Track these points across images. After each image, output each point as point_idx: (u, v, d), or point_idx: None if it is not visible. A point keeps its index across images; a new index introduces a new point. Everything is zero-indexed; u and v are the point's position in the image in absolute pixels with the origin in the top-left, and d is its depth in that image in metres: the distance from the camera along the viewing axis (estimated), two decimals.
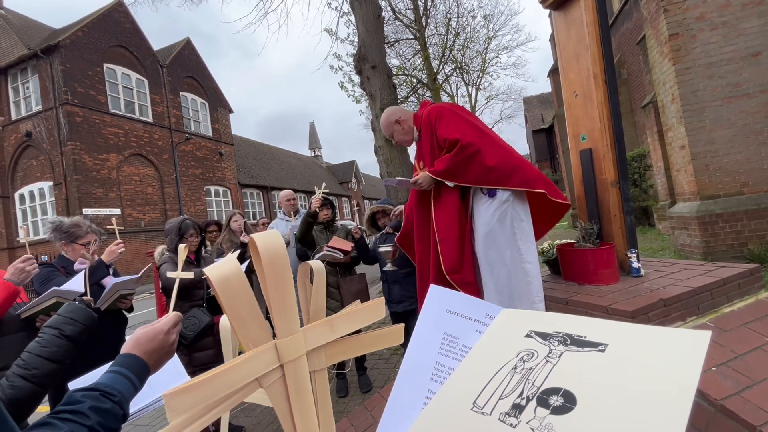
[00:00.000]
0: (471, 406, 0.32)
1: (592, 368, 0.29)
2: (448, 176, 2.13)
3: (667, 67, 5.56)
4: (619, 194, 2.45)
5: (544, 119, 30.38)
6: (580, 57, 2.56)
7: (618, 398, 0.26)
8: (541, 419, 0.27)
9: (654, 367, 0.27)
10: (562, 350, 0.32)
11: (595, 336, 0.32)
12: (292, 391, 0.26)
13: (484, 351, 0.38)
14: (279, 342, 0.25)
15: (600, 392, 0.27)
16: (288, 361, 0.25)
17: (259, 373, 0.24)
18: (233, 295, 0.24)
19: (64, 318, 1.15)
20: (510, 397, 0.31)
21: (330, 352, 0.28)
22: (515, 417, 0.29)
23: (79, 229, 2.31)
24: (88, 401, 0.65)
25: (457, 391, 0.35)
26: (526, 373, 0.32)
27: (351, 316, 0.29)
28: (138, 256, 14.82)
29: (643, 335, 0.29)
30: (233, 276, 0.23)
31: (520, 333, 0.37)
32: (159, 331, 0.79)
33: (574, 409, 0.27)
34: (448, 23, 15.80)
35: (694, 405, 1.10)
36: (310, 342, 0.27)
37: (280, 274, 0.24)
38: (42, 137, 15.30)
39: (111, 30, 17.08)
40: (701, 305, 1.88)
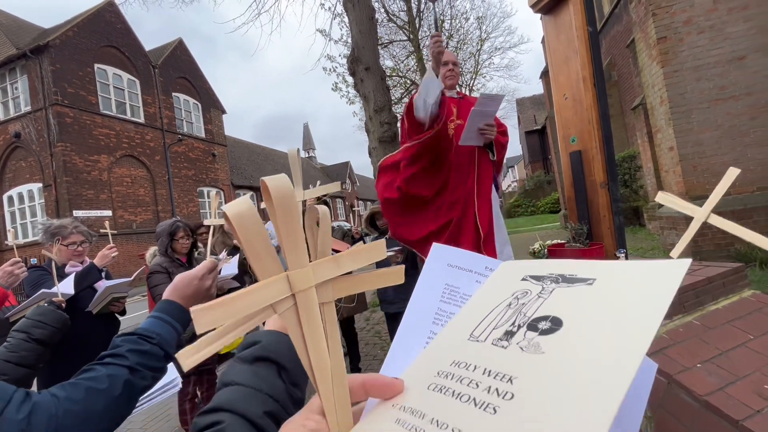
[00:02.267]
0: (468, 337, 0.35)
1: (578, 298, 0.32)
2: (500, 148, 2.40)
3: (656, 70, 5.66)
4: (608, 195, 2.50)
5: (537, 120, 30.66)
6: (570, 60, 2.60)
7: (599, 319, 0.28)
8: (529, 340, 0.30)
9: (634, 292, 0.29)
10: (553, 287, 0.35)
11: (585, 273, 0.35)
12: (304, 318, 0.31)
13: (482, 296, 0.41)
14: (290, 273, 0.30)
15: (583, 316, 0.30)
16: (299, 291, 0.30)
17: (273, 299, 0.29)
18: (248, 229, 0.28)
19: (33, 321, 1.13)
20: (503, 327, 0.33)
21: (336, 287, 0.32)
22: (506, 341, 0.31)
23: (63, 229, 2.27)
24: (127, 345, 0.70)
25: (456, 329, 0.38)
26: (519, 307, 0.35)
27: (354, 255, 0.34)
28: (130, 258, 14.66)
29: (629, 268, 0.32)
30: (247, 211, 0.28)
31: (517, 278, 0.39)
32: (194, 277, 0.83)
33: (559, 330, 0.29)
34: (442, 25, 15.89)
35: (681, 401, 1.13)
36: (318, 275, 0.31)
37: (288, 213, 0.29)
38: (31, 138, 15.08)
39: (102, 30, 16.90)
40: (687, 304, 1.92)
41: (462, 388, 0.30)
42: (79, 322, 1.83)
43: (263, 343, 0.47)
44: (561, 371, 0.26)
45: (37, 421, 0.54)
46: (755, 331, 1.72)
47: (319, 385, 0.31)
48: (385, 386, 0.33)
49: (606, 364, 0.25)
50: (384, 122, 5.77)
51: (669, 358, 1.64)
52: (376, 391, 0.33)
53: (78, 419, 0.59)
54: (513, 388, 0.27)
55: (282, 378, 0.46)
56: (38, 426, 0.54)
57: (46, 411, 0.56)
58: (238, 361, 0.46)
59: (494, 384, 0.28)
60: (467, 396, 0.29)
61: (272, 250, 0.30)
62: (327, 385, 0.31)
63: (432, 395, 0.31)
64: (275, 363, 0.46)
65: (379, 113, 5.78)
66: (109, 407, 0.64)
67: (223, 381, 0.45)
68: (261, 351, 0.46)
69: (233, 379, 0.44)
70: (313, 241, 0.34)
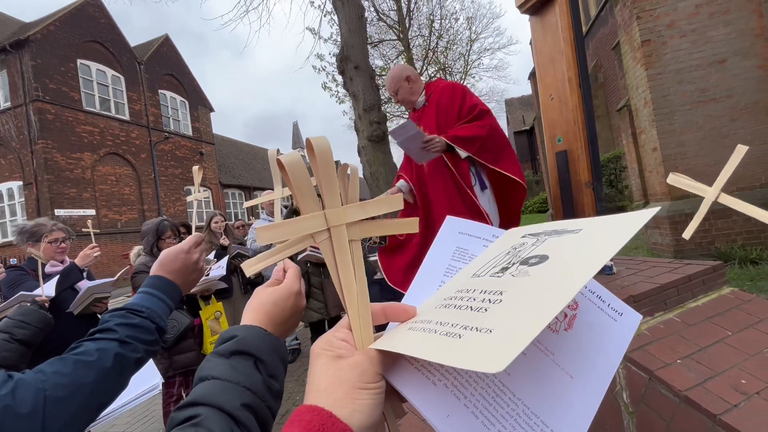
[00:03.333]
0: (471, 276, 0.41)
1: (565, 242, 0.37)
2: (468, 144, 2.17)
3: (640, 72, 5.77)
4: (593, 195, 2.53)
5: (525, 121, 31.01)
6: (556, 61, 2.63)
7: (575, 251, 0.34)
8: (520, 270, 0.35)
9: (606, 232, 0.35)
10: (546, 238, 0.40)
11: (574, 227, 0.40)
12: (336, 249, 0.38)
13: (486, 252, 0.47)
14: (327, 211, 0.38)
15: (564, 251, 0.35)
16: (333, 226, 0.38)
17: (313, 230, 0.37)
18: (297, 175, 0.36)
19: (15, 321, 1.11)
20: (500, 265, 0.39)
21: (362, 228, 0.40)
22: (502, 273, 0.37)
23: (42, 227, 2.22)
24: (115, 319, 0.72)
25: (462, 273, 0.44)
26: (515, 253, 0.40)
27: (377, 203, 0.42)
28: (114, 258, 14.36)
29: (610, 219, 0.37)
30: (297, 162, 0.37)
31: (517, 236, 0.45)
32: (181, 250, 0.84)
33: (544, 262, 0.35)
34: (431, 25, 15.94)
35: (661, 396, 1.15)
36: (348, 216, 0.39)
37: (326, 164, 0.37)
38: (11, 135, 14.65)
39: (85, 25, 16.49)
40: (668, 301, 1.96)
41: (462, 303, 0.36)
42: (60, 323, 1.78)
43: (240, 337, 0.47)
44: (538, 285, 0.32)
45: (22, 396, 0.55)
46: (733, 328, 1.77)
47: (348, 305, 0.39)
48: (401, 310, 0.40)
49: (566, 279, 0.31)
50: (373, 121, 5.77)
51: (650, 354, 1.68)
52: (393, 315, 0.40)
53: (67, 390, 0.59)
54: (501, 297, 0.33)
55: (259, 370, 0.46)
56: (24, 400, 0.54)
57: (32, 385, 0.57)
58: (214, 356, 0.46)
59: (487, 297, 0.34)
60: (465, 305, 0.35)
61: (314, 193, 0.38)
62: (353, 305, 0.39)
63: (438, 310, 0.37)
64: (252, 356, 0.46)
65: (368, 112, 5.77)
66: (100, 379, 0.64)
67: (199, 376, 0.45)
68: (238, 345, 0.46)
69: (210, 374, 0.44)
70: (345, 190, 0.41)
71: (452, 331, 0.31)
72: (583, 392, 0.37)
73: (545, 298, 0.29)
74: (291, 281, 0.55)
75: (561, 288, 0.30)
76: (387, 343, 0.36)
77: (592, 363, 0.38)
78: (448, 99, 2.34)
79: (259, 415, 0.44)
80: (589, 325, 0.40)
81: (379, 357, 0.35)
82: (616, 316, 0.42)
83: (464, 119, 2.26)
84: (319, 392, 0.33)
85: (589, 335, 0.39)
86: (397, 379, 0.36)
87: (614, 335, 0.40)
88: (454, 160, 2.25)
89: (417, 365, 0.36)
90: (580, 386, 0.37)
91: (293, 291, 0.54)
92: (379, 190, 5.83)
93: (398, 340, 0.36)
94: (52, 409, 0.57)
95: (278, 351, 0.49)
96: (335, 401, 0.32)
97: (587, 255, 0.33)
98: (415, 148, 2.16)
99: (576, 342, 0.39)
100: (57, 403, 0.57)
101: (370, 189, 6.09)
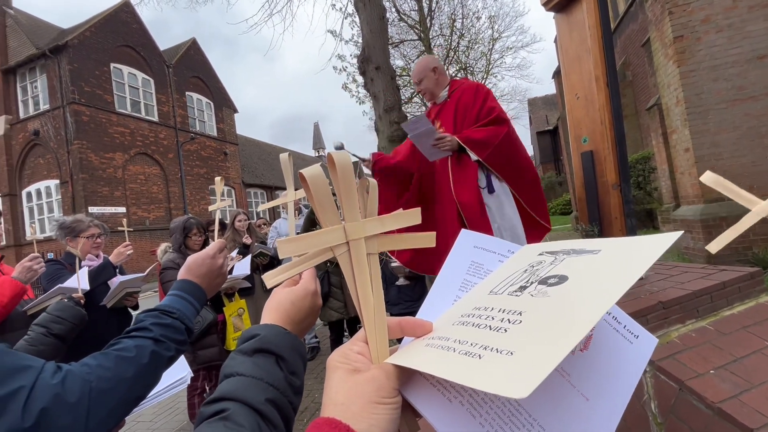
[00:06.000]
0: (488, 293, 0.41)
1: (584, 262, 0.37)
2: (479, 148, 2.15)
3: (672, 70, 5.55)
4: (620, 197, 2.46)
5: (549, 121, 30.30)
6: (582, 60, 2.56)
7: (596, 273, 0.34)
8: (539, 290, 0.35)
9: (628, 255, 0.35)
10: (564, 257, 0.40)
11: (593, 247, 0.40)
12: (354, 262, 0.38)
13: (502, 268, 0.47)
14: (346, 225, 0.38)
15: (585, 272, 0.35)
16: (352, 240, 0.38)
17: (332, 243, 0.38)
18: (318, 188, 0.37)
19: (52, 316, 1.16)
20: (518, 284, 0.39)
21: (380, 242, 0.41)
22: (520, 292, 0.37)
23: (81, 223, 2.34)
24: (150, 319, 0.76)
25: (478, 289, 0.44)
26: (533, 271, 0.40)
27: (395, 217, 0.42)
28: (143, 254, 14.92)
29: (630, 240, 0.37)
30: (319, 175, 0.37)
31: (534, 254, 0.45)
32: (207, 256, 0.89)
33: (564, 283, 0.34)
34: (453, 24, 15.81)
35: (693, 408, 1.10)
36: (367, 229, 0.39)
37: (347, 179, 0.38)
38: (49, 136, 15.46)
39: (118, 30, 17.23)
40: (701, 308, 1.88)
41: (480, 321, 0.36)
42: (93, 315, 1.87)
43: (261, 336, 0.49)
44: (559, 307, 0.32)
45: (70, 386, 0.58)
46: None
47: (364, 318, 0.39)
48: (417, 325, 0.40)
49: (589, 304, 0.30)
50: (393, 121, 5.77)
51: (680, 363, 1.61)
52: (409, 329, 0.40)
53: (110, 383, 0.63)
54: (521, 318, 0.33)
55: (281, 367, 0.48)
56: (72, 389, 0.58)
57: (79, 377, 0.60)
58: (238, 354, 0.48)
59: (506, 316, 0.34)
60: (484, 324, 0.35)
61: (334, 206, 0.39)
62: (370, 318, 0.39)
63: (456, 327, 0.37)
64: (274, 354, 0.48)
65: (389, 113, 5.78)
66: (138, 374, 0.68)
67: (225, 373, 0.47)
68: (260, 343, 0.48)
69: (235, 370, 0.46)
70: (364, 205, 0.42)
71: (472, 350, 0.31)
72: (599, 414, 0.36)
73: (567, 323, 0.29)
74: (307, 281, 0.56)
75: (583, 313, 0.29)
76: (404, 358, 0.36)
77: (608, 385, 0.38)
78: (470, 98, 2.31)
79: (282, 410, 0.45)
80: (604, 347, 0.40)
81: (395, 372, 0.36)
82: (632, 339, 0.41)
83: (481, 121, 2.24)
84: (337, 405, 0.34)
85: (605, 357, 0.39)
86: (412, 395, 0.36)
87: (630, 358, 0.40)
88: (461, 160, 2.23)
89: (432, 381, 0.36)
90: (596, 408, 0.36)
91: (309, 291, 0.55)
92: None
93: (416, 356, 0.36)
94: (96, 400, 0.60)
95: (297, 349, 0.51)
96: (353, 415, 0.32)
97: (609, 279, 0.32)
98: (426, 144, 2.17)
99: (592, 363, 0.38)
100: (101, 394, 0.61)
101: None
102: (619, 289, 0.30)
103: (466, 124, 2.27)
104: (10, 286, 1.76)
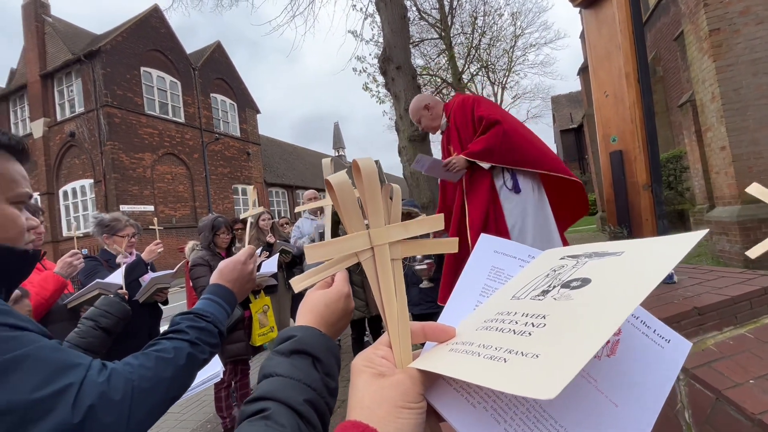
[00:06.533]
0: (510, 298, 0.40)
1: (607, 265, 0.36)
2: (484, 156, 2.20)
3: (707, 64, 5.30)
4: (651, 197, 2.37)
5: (573, 119, 29.50)
6: (612, 56, 2.49)
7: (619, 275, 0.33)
8: (562, 294, 0.35)
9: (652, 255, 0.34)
10: (586, 260, 0.39)
11: (615, 249, 0.39)
12: (379, 268, 0.39)
13: (524, 272, 0.46)
14: (371, 231, 0.39)
15: (608, 275, 0.34)
16: (376, 245, 0.39)
17: (357, 248, 0.39)
18: (344, 195, 0.38)
19: (101, 311, 1.22)
20: (540, 288, 0.38)
21: (404, 248, 0.41)
22: (542, 296, 0.36)
23: (118, 222, 2.46)
24: (186, 322, 0.78)
25: (500, 294, 0.44)
26: (555, 275, 0.39)
27: (419, 223, 0.43)
28: (170, 251, 15.43)
29: (654, 241, 0.36)
30: (345, 182, 0.38)
31: (556, 258, 0.44)
32: (237, 262, 0.93)
33: (587, 285, 0.34)
34: (474, 22, 15.62)
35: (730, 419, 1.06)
36: (391, 235, 0.40)
37: (372, 185, 0.38)
38: (84, 137, 16.21)
39: (148, 35, 17.89)
40: (739, 315, 1.79)
41: (504, 326, 0.36)
42: None
43: (298, 337, 0.50)
44: (583, 309, 0.32)
45: (115, 384, 0.60)
46: None
47: (388, 323, 0.40)
48: (441, 331, 0.41)
49: (613, 304, 0.30)
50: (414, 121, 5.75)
51: (717, 372, 1.54)
52: (432, 334, 0.41)
53: (151, 383, 0.65)
54: (545, 321, 0.33)
55: (317, 369, 0.48)
56: (116, 388, 0.60)
57: (123, 376, 0.62)
58: (276, 354, 0.49)
59: (530, 320, 0.34)
60: (508, 329, 0.35)
61: (360, 212, 0.40)
62: (393, 323, 0.39)
63: (479, 332, 0.37)
64: (310, 355, 0.49)
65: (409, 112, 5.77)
66: (176, 376, 0.70)
67: (263, 373, 0.48)
68: (297, 344, 0.49)
69: (274, 371, 0.47)
70: (388, 210, 0.42)
71: (496, 354, 0.31)
72: (629, 421, 0.35)
73: (592, 324, 0.29)
74: (340, 284, 0.57)
75: (609, 314, 0.29)
76: (429, 363, 0.36)
77: (639, 391, 0.36)
78: (461, 116, 2.40)
79: (319, 411, 0.46)
80: (633, 352, 0.38)
81: (420, 377, 0.36)
82: (663, 343, 0.39)
83: (478, 132, 2.30)
84: (363, 409, 0.34)
85: (633, 362, 0.38)
86: (436, 399, 0.36)
87: (662, 363, 0.38)
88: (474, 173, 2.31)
89: (456, 386, 0.36)
90: (626, 415, 0.35)
91: (343, 293, 0.56)
92: (419, 190, 5.82)
93: (441, 361, 0.36)
94: (138, 399, 0.62)
95: (332, 351, 0.51)
96: (379, 419, 0.33)
97: (632, 280, 0.32)
98: (441, 172, 2.30)
99: (619, 368, 0.37)
100: (142, 393, 0.63)
101: (410, 189, 6.08)
102: (644, 289, 0.30)
103: (468, 140, 2.34)
104: (53, 281, 1.86)
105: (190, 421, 3.36)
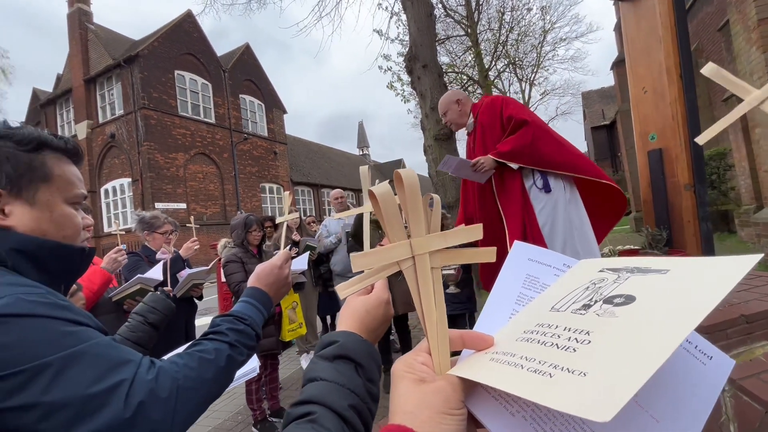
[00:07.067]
0: (549, 309, 0.40)
1: (652, 282, 0.35)
2: (514, 157, 2.18)
3: (756, 56, 4.97)
4: (694, 198, 2.26)
5: (605, 115, 28.34)
6: (652, 50, 2.38)
7: (667, 297, 0.32)
8: (605, 310, 0.34)
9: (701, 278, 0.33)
10: (629, 276, 0.39)
11: (659, 266, 0.38)
12: (419, 276, 0.40)
13: (561, 283, 0.46)
14: (412, 240, 0.40)
15: (654, 294, 0.33)
16: (417, 254, 0.40)
17: (399, 258, 0.40)
18: (387, 205, 0.39)
19: (148, 307, 1.28)
20: (581, 302, 0.38)
21: (443, 257, 0.42)
22: (584, 311, 0.36)
23: (157, 220, 2.59)
24: (225, 324, 0.80)
25: (538, 304, 0.43)
26: (596, 289, 0.39)
27: (457, 233, 0.44)
28: (201, 247, 15.88)
29: (702, 261, 0.35)
30: (388, 192, 0.39)
31: (594, 270, 0.44)
32: (274, 266, 0.95)
33: (632, 303, 0.33)
34: (502, 17, 15.29)
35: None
36: (431, 245, 0.41)
37: (414, 196, 0.39)
38: (123, 138, 17.09)
39: (181, 39, 18.61)
40: None
41: (546, 339, 0.35)
42: None
43: (341, 343, 0.50)
44: (630, 329, 0.31)
45: (162, 383, 0.62)
46: None
47: (427, 330, 0.40)
48: (480, 339, 0.41)
49: (665, 328, 0.29)
50: (440, 120, 5.70)
51: (766, 383, 1.46)
52: (471, 342, 0.41)
53: (194, 383, 0.67)
54: (589, 338, 0.32)
55: (359, 374, 0.49)
56: (163, 387, 0.62)
57: (169, 374, 0.64)
58: (319, 359, 0.50)
59: (573, 335, 0.34)
60: (551, 343, 0.34)
61: (401, 223, 0.41)
62: (433, 330, 0.40)
63: (520, 344, 0.37)
64: (353, 361, 0.49)
65: (435, 111, 5.71)
66: (216, 376, 0.72)
67: (308, 377, 0.49)
68: (340, 350, 0.49)
69: (318, 375, 0.48)
70: (428, 220, 0.43)
71: (540, 368, 0.31)
72: None
73: (645, 346, 0.29)
74: (381, 291, 0.57)
75: (661, 337, 0.29)
76: (471, 372, 0.36)
77: (680, 408, 0.36)
78: (489, 117, 2.37)
79: (362, 416, 0.47)
80: (674, 368, 0.38)
81: (460, 384, 0.36)
82: (705, 360, 0.38)
83: (506, 132, 2.28)
84: (406, 413, 0.35)
85: (675, 378, 0.37)
86: (476, 407, 0.36)
87: (704, 380, 0.37)
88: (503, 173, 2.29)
89: (494, 394, 0.36)
90: (667, 431, 0.35)
91: (383, 300, 0.56)
92: (445, 190, 5.77)
93: (482, 370, 0.36)
94: (182, 398, 0.64)
95: (373, 356, 0.52)
96: (421, 423, 0.33)
97: (684, 303, 0.31)
98: (469, 173, 2.29)
99: (660, 385, 0.36)
100: (186, 392, 0.65)
101: (435, 188, 6.04)
102: (698, 314, 0.29)
103: (494, 140, 2.31)
104: (100, 275, 1.98)
105: (222, 411, 3.49)
